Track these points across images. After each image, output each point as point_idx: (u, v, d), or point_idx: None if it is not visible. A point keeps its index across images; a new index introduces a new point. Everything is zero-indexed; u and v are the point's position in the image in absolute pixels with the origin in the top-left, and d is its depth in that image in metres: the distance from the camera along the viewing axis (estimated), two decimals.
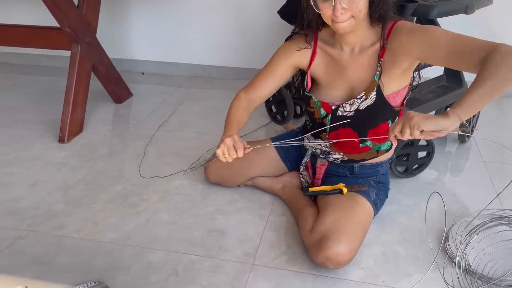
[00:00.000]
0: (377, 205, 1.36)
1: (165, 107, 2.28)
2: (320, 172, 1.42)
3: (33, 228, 1.41)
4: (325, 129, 1.33)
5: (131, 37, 2.70)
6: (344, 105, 1.27)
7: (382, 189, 1.40)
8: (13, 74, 2.78)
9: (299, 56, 1.31)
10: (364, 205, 1.30)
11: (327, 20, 1.16)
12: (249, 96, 1.37)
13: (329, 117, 1.31)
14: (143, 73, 2.76)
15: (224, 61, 2.64)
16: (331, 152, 1.38)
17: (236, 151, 1.17)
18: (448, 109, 0.98)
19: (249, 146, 1.21)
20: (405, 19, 1.21)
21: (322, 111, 1.33)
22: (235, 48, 2.58)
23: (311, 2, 1.14)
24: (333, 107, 1.30)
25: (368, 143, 1.33)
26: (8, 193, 1.60)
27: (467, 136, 1.86)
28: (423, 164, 1.64)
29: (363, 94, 1.24)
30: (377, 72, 1.22)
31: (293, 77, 1.44)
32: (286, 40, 1.36)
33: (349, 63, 1.26)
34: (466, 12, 1.49)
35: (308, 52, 1.31)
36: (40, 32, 2.02)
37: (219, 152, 1.19)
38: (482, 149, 1.84)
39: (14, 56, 2.91)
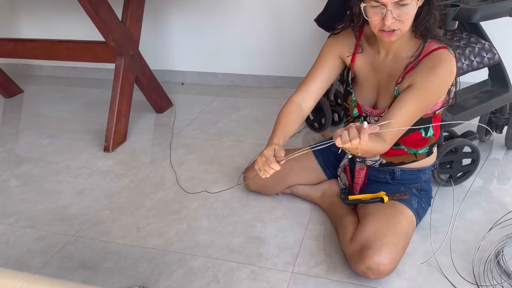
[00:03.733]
0: (419, 214, 1.33)
1: (204, 116, 2.33)
2: (359, 176, 1.41)
3: (81, 234, 1.48)
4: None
5: (171, 48, 2.78)
6: (369, 117, 1.30)
7: (425, 197, 1.37)
8: (63, 86, 2.92)
9: (344, 46, 1.32)
10: (406, 214, 1.28)
11: (374, 28, 1.16)
12: (301, 95, 1.36)
13: (361, 119, 1.32)
14: (182, 83, 2.84)
15: (260, 69, 2.66)
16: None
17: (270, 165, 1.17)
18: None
19: (282, 157, 1.19)
20: (449, 46, 1.18)
21: (355, 111, 1.34)
22: (271, 57, 2.60)
23: (361, 9, 1.14)
24: (364, 114, 1.31)
25: (402, 146, 1.32)
26: (58, 200, 1.68)
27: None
28: (468, 171, 1.59)
29: (387, 110, 1.24)
30: (396, 88, 1.22)
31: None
32: (331, 34, 1.37)
33: (380, 67, 1.27)
34: (510, 15, 1.44)
35: (353, 44, 1.31)
36: (87, 46, 2.12)
37: (256, 167, 1.20)
38: None
39: (64, 70, 3.06)
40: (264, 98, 2.54)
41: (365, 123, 0.96)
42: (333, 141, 1.01)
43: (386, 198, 1.29)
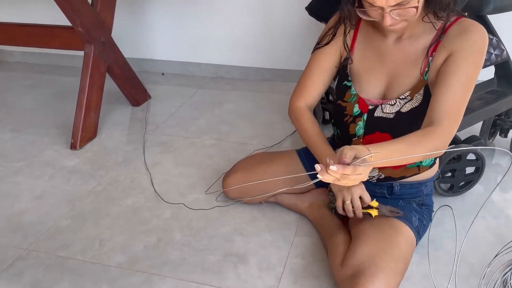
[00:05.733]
0: (419, 232, 1.17)
1: (184, 111, 2.14)
2: None
3: (35, 247, 1.30)
4: (357, 131, 1.15)
5: (151, 35, 2.57)
6: (383, 105, 1.10)
7: (426, 213, 1.21)
8: (32, 73, 2.70)
9: (342, 38, 1.15)
10: (405, 233, 1.12)
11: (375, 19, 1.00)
12: (307, 101, 1.20)
13: (365, 117, 1.13)
14: (163, 74, 2.64)
15: (247, 61, 2.48)
16: None
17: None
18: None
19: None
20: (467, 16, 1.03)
21: (356, 108, 1.14)
22: (259, 48, 2.41)
23: (357, 12, 0.99)
24: (370, 107, 1.12)
25: None
26: (13, 205, 1.49)
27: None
28: (471, 181, 1.44)
29: (407, 94, 1.06)
30: (426, 69, 1.04)
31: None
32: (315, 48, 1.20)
33: (392, 53, 1.09)
34: None
35: (351, 32, 1.15)
36: (52, 31, 1.91)
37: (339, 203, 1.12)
38: None
39: (34, 56, 2.84)
40: (251, 91, 2.35)
41: (331, 165, 0.80)
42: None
43: (374, 213, 1.12)
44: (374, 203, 1.13)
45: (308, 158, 1.36)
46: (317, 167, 0.82)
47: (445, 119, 0.96)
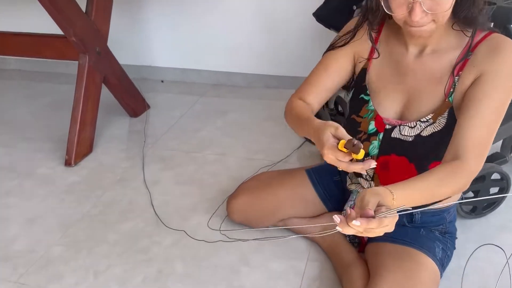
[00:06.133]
0: (443, 265, 1.07)
1: (185, 122, 2.04)
2: None
3: (25, 280, 1.20)
4: (371, 150, 1.04)
5: (150, 41, 2.46)
6: (402, 126, 0.99)
7: (450, 241, 1.11)
8: (27, 81, 2.60)
9: (359, 45, 1.04)
10: (428, 266, 1.02)
11: (399, 21, 0.89)
12: (302, 98, 1.08)
13: (380, 136, 1.02)
14: (162, 81, 2.53)
15: (249, 67, 2.37)
16: None
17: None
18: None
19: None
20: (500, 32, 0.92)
21: (372, 126, 1.03)
22: (263, 54, 2.30)
23: (381, 2, 0.87)
24: (388, 126, 1.01)
25: None
26: (3, 230, 1.39)
27: None
28: (495, 202, 1.34)
29: (430, 116, 0.96)
30: (452, 90, 0.93)
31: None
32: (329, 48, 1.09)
33: (413, 69, 0.98)
34: None
35: (368, 45, 1.03)
36: (47, 41, 1.81)
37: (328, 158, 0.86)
38: None
39: (29, 63, 2.73)
40: (254, 99, 2.25)
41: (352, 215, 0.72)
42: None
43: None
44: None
45: (318, 179, 1.26)
46: (336, 218, 0.73)
47: (473, 155, 0.85)
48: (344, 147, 0.82)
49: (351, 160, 0.83)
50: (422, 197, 0.82)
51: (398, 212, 0.74)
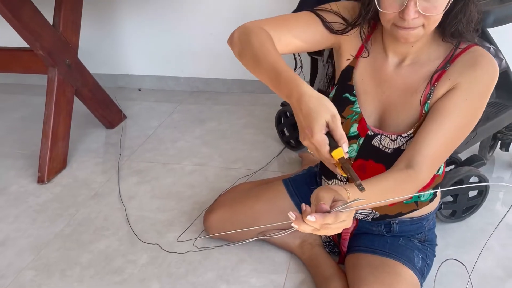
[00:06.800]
0: (424, 274, 1.05)
1: (163, 132, 2.00)
2: (347, 231, 1.12)
3: None
4: (349, 152, 0.99)
5: (125, 49, 2.41)
6: (383, 136, 0.96)
7: (430, 249, 1.09)
8: (0, 94, 2.53)
9: (348, 40, 0.97)
10: (407, 277, 1.00)
11: (387, 22, 0.84)
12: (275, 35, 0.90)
13: (361, 141, 0.99)
14: (139, 89, 2.48)
15: (228, 73, 2.34)
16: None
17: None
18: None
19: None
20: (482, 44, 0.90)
21: (354, 129, 0.99)
22: None
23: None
24: (370, 133, 0.97)
25: None
26: None
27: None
28: (475, 205, 1.32)
29: (411, 131, 0.93)
30: (427, 100, 0.91)
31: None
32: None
33: (390, 79, 0.95)
34: None
35: (358, 41, 0.97)
36: (14, 55, 1.76)
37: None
38: None
39: (2, 75, 2.65)
40: (233, 105, 2.22)
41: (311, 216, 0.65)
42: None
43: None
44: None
45: (295, 189, 1.23)
46: (291, 215, 0.67)
47: (427, 168, 0.84)
48: (341, 168, 0.72)
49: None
50: (375, 199, 0.78)
51: (354, 207, 0.69)
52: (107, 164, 1.77)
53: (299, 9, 1.54)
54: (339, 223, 0.68)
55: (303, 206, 0.68)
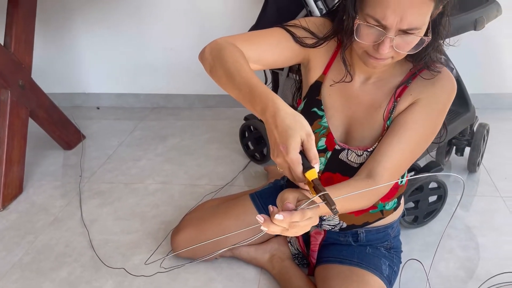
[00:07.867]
0: (391, 281, 1.08)
1: (124, 151, 1.95)
2: (316, 243, 1.13)
3: None
4: (319, 165, 0.99)
5: (81, 67, 2.35)
6: (349, 151, 0.97)
7: (396, 256, 1.12)
8: None
9: (317, 54, 0.97)
10: (376, 285, 1.03)
11: (359, 49, 0.86)
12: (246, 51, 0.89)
13: (328, 155, 1.00)
14: (98, 108, 2.42)
15: (189, 88, 2.32)
16: (324, 217, 1.08)
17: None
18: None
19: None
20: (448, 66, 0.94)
21: (322, 143, 0.99)
22: (200, 73, 2.26)
23: (354, 26, 0.83)
24: (337, 147, 0.99)
25: None
26: None
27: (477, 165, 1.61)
28: (435, 209, 1.37)
29: (375, 145, 0.94)
30: (391, 116, 0.93)
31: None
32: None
33: (356, 96, 0.96)
34: (475, 28, 1.23)
35: (326, 57, 0.98)
36: None
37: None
38: (497, 180, 1.58)
39: None
40: (196, 120, 2.20)
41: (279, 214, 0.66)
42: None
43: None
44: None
45: (263, 203, 1.23)
46: (259, 218, 0.68)
47: (387, 178, 0.87)
48: (313, 189, 0.69)
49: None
50: (337, 205, 0.79)
51: (318, 203, 0.70)
52: (66, 187, 1.71)
53: (258, 24, 1.56)
54: (306, 220, 0.69)
55: (270, 207, 0.69)
